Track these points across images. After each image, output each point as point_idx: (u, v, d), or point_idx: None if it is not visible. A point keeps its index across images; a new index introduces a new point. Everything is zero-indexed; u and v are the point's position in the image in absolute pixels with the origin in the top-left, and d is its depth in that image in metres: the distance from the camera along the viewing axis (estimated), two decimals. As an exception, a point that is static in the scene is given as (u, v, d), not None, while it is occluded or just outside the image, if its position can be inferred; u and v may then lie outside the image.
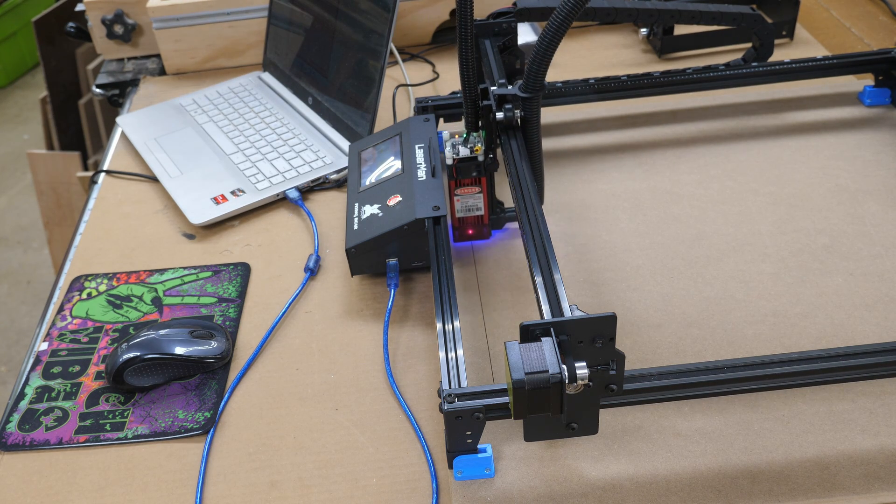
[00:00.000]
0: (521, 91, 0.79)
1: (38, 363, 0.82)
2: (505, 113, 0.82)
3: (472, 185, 0.87)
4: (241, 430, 0.74)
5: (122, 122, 1.19)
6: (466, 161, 0.86)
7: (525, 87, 0.78)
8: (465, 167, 0.86)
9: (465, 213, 0.89)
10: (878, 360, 0.65)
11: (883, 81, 1.08)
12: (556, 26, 0.70)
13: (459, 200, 0.88)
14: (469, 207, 0.88)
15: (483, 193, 0.88)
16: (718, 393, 0.67)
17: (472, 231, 0.91)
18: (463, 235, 0.91)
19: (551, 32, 0.71)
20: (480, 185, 0.87)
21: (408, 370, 0.78)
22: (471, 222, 0.90)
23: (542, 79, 0.76)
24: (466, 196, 0.87)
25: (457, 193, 0.87)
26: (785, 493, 0.65)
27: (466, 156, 0.85)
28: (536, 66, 0.75)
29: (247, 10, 1.26)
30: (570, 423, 0.64)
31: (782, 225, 0.91)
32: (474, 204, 0.88)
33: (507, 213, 0.92)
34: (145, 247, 0.96)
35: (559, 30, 0.71)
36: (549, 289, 0.65)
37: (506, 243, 0.91)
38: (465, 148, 0.86)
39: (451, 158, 0.85)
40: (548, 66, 0.75)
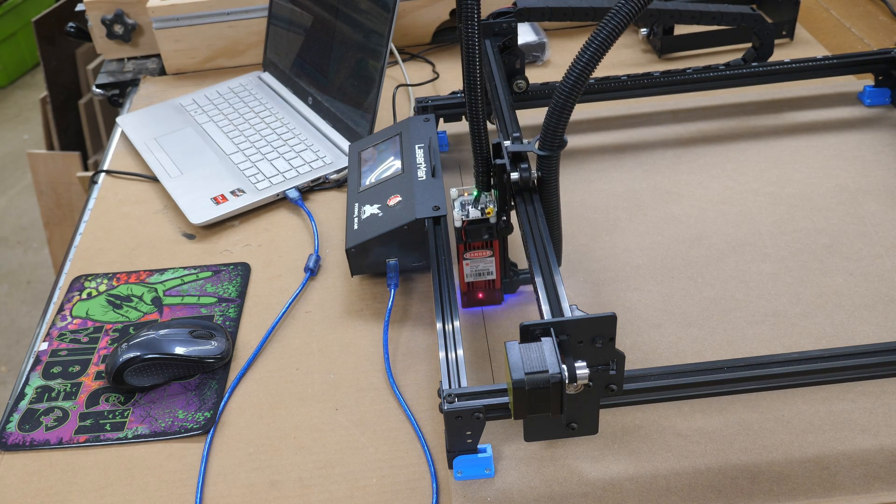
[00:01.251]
0: (538, 149, 0.71)
1: (38, 363, 0.82)
2: (521, 173, 0.72)
3: (482, 249, 0.79)
4: (241, 430, 0.74)
5: (122, 122, 1.19)
6: (477, 223, 0.77)
7: (543, 143, 0.70)
8: (476, 230, 0.77)
9: (475, 277, 0.80)
10: (878, 360, 0.65)
11: (883, 81, 1.08)
12: (575, 78, 0.65)
13: (469, 264, 0.79)
14: (479, 272, 0.80)
15: (495, 257, 0.79)
16: (718, 393, 0.67)
17: (483, 295, 0.82)
18: (472, 300, 0.82)
19: (570, 85, 0.66)
20: (492, 248, 0.79)
21: (408, 370, 0.78)
22: (481, 286, 0.82)
23: (560, 135, 0.69)
24: (477, 260, 0.79)
25: (466, 257, 0.79)
26: (785, 493, 0.65)
27: (477, 218, 0.77)
28: (555, 121, 0.68)
29: (247, 10, 1.26)
30: (570, 423, 0.64)
31: (782, 225, 0.91)
32: (485, 268, 0.80)
33: (521, 276, 0.84)
34: (145, 247, 0.97)
35: (578, 81, 0.65)
36: (549, 289, 0.65)
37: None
38: (475, 209, 0.77)
39: (459, 220, 0.77)
40: (567, 121, 0.68)
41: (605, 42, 0.63)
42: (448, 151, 1.08)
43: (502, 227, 0.78)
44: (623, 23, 0.63)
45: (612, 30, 0.63)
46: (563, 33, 1.34)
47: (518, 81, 1.03)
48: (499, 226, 0.77)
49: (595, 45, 0.63)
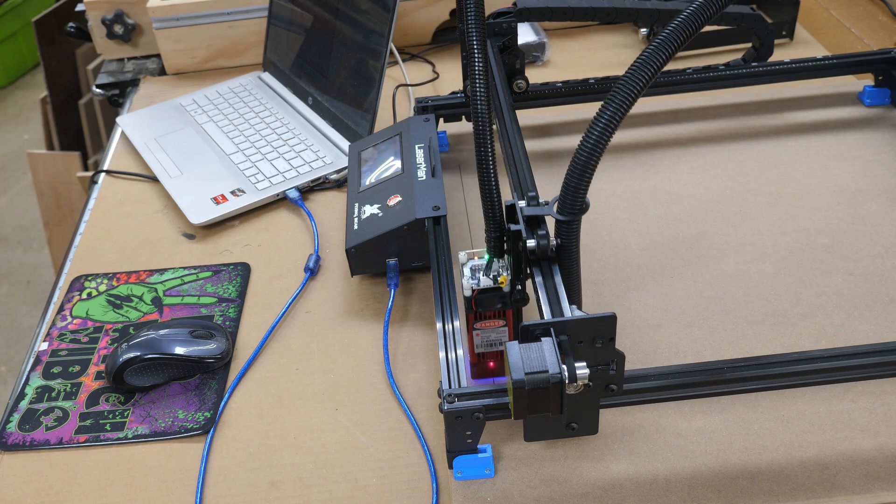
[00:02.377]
0: (557, 213, 0.64)
1: (39, 363, 0.82)
2: (538, 241, 0.66)
3: (494, 319, 0.72)
4: (241, 430, 0.74)
5: (122, 122, 1.19)
6: (489, 293, 0.70)
7: (562, 207, 0.63)
8: (488, 300, 0.70)
9: (486, 348, 0.73)
10: (878, 360, 0.65)
11: (883, 81, 1.08)
12: (598, 134, 0.60)
13: (479, 335, 0.73)
14: (491, 342, 0.73)
15: (508, 327, 0.72)
16: (718, 393, 0.67)
17: (495, 365, 0.74)
18: (483, 371, 0.75)
19: (591, 143, 0.60)
20: (505, 318, 0.72)
21: (408, 370, 0.78)
22: (493, 356, 0.74)
23: (582, 197, 0.63)
24: (488, 330, 0.72)
25: (476, 327, 0.72)
26: (785, 493, 0.65)
27: (489, 287, 0.70)
28: (576, 182, 0.62)
29: (247, 10, 1.26)
30: (570, 423, 0.64)
31: (782, 225, 0.91)
32: (497, 339, 0.73)
33: None
34: (145, 247, 0.96)
35: (601, 137, 0.60)
36: (549, 289, 0.65)
37: None
38: (486, 276, 0.70)
39: (469, 289, 0.70)
40: (589, 182, 0.62)
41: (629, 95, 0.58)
42: (448, 151, 1.08)
43: (517, 299, 0.71)
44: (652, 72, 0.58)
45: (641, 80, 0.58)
46: (563, 33, 1.34)
47: (518, 81, 1.03)
48: (513, 296, 0.70)
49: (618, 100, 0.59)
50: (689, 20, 0.58)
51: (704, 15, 0.59)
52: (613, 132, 0.60)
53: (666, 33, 0.59)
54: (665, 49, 0.58)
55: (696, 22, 0.58)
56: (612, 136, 0.60)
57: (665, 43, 0.58)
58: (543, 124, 1.11)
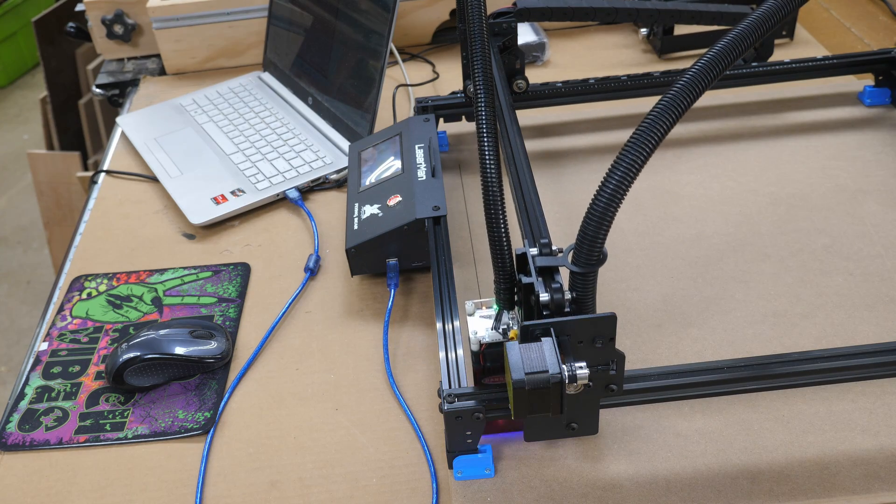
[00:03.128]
0: (572, 264, 0.59)
1: (38, 363, 0.82)
2: (552, 294, 0.59)
3: (504, 374, 0.65)
4: (241, 430, 0.74)
5: (122, 122, 1.19)
6: (498, 347, 0.64)
7: (577, 258, 0.58)
8: (497, 354, 0.64)
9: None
10: (878, 360, 0.65)
11: (883, 81, 1.08)
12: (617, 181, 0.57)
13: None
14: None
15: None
16: (718, 393, 0.67)
17: (504, 422, 0.69)
18: (492, 427, 0.70)
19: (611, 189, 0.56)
20: None
21: (408, 370, 0.78)
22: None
23: (599, 248, 0.57)
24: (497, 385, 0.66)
25: (484, 383, 0.66)
26: (785, 493, 0.65)
27: (498, 341, 0.64)
28: (593, 231, 0.57)
29: (247, 10, 1.26)
30: (570, 423, 0.64)
31: (782, 225, 0.91)
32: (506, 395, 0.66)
33: None
34: (145, 247, 0.96)
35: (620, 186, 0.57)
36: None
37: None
38: (496, 331, 0.65)
39: (477, 343, 0.64)
40: (607, 231, 0.57)
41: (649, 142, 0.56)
42: (448, 151, 1.08)
43: None
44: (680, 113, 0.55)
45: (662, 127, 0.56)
46: (563, 33, 1.34)
47: (518, 81, 1.03)
48: None
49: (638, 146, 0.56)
50: (717, 59, 0.55)
51: (732, 54, 0.56)
52: (633, 180, 0.56)
53: (692, 73, 0.55)
54: (688, 92, 0.55)
55: (724, 61, 0.56)
56: (631, 184, 0.56)
57: (689, 85, 0.55)
58: (543, 124, 1.11)
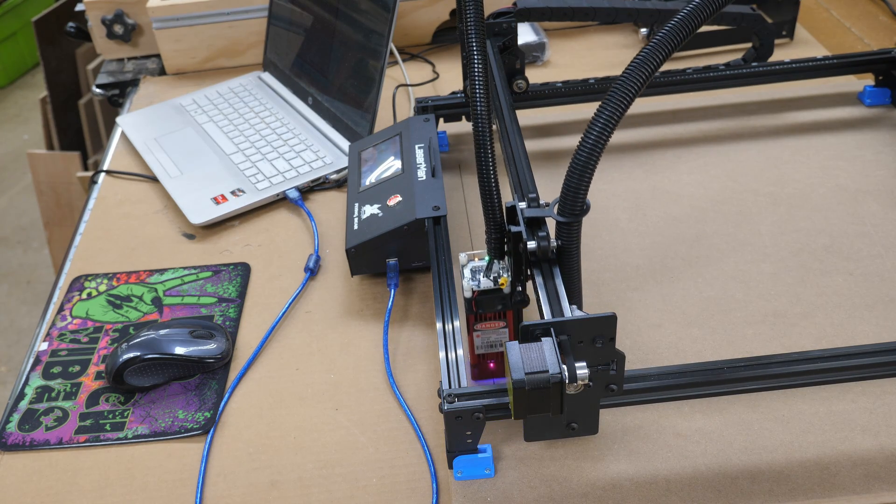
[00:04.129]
0: (557, 214, 0.64)
1: (38, 363, 0.82)
2: (538, 242, 0.66)
3: (495, 320, 0.72)
4: (241, 430, 0.74)
5: (122, 122, 1.19)
6: (489, 294, 0.70)
7: (563, 209, 0.63)
8: (488, 301, 0.71)
9: (487, 349, 0.74)
10: (878, 360, 0.65)
11: (883, 81, 1.08)
12: (595, 136, 0.59)
13: (479, 336, 0.73)
14: (491, 343, 0.73)
15: (509, 328, 0.73)
16: (718, 393, 0.67)
17: (495, 366, 0.75)
18: (484, 372, 0.75)
19: (590, 143, 0.60)
20: (505, 319, 0.72)
21: (408, 370, 0.78)
22: (493, 357, 0.75)
23: (582, 199, 0.62)
24: (488, 332, 0.73)
25: (476, 329, 0.72)
26: (785, 493, 0.65)
27: (489, 288, 0.70)
28: (576, 183, 0.61)
29: (247, 10, 1.26)
30: (570, 423, 0.64)
31: (782, 225, 0.91)
32: (497, 339, 0.73)
33: None
34: (145, 247, 0.97)
35: (599, 139, 0.59)
36: (550, 289, 0.65)
37: None
38: (486, 278, 0.70)
39: (469, 290, 0.70)
40: (589, 182, 0.62)
41: (627, 96, 0.58)
42: (448, 151, 1.08)
43: (518, 300, 0.71)
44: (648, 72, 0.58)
45: (636, 81, 0.58)
46: (563, 33, 1.34)
47: (518, 81, 1.03)
48: (514, 298, 0.71)
49: (616, 100, 0.59)
50: (687, 19, 0.58)
51: (702, 14, 0.59)
52: (612, 132, 0.60)
53: (663, 32, 0.58)
54: (662, 49, 0.58)
55: (694, 21, 0.58)
56: (610, 135, 0.59)
57: (662, 42, 0.58)
58: (543, 124, 1.11)
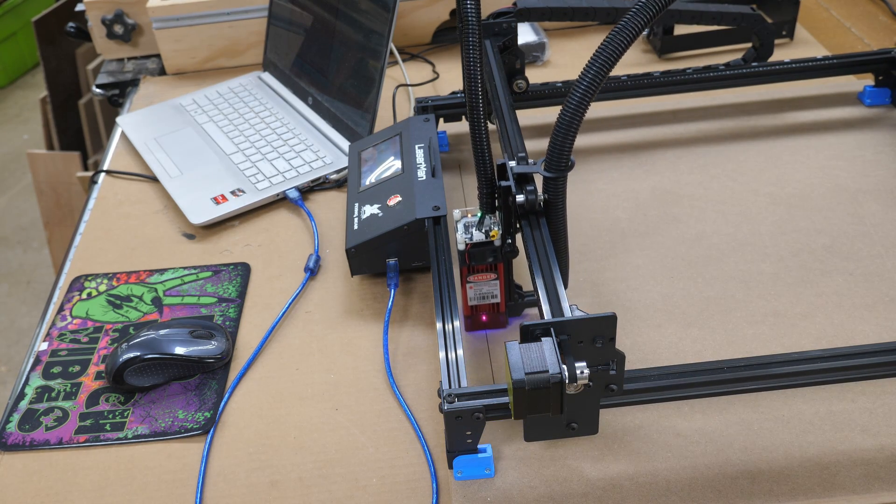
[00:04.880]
0: (544, 170, 0.68)
1: (38, 363, 0.82)
2: (526, 196, 0.71)
3: (487, 272, 0.77)
4: (241, 430, 0.74)
5: (122, 122, 1.19)
6: (481, 246, 0.75)
7: (549, 165, 0.67)
8: (480, 253, 0.76)
9: (479, 300, 0.79)
10: (878, 360, 0.65)
11: (883, 81, 1.08)
12: (580, 96, 0.63)
13: (472, 288, 0.78)
14: (483, 295, 0.78)
15: (500, 280, 0.78)
16: (718, 393, 0.67)
17: (487, 318, 0.80)
18: (476, 323, 0.81)
19: (574, 103, 0.63)
20: (496, 271, 0.77)
21: (408, 370, 0.78)
22: (485, 309, 0.80)
23: (567, 155, 0.66)
24: (480, 283, 0.77)
25: (469, 280, 0.77)
26: (785, 493, 0.65)
27: (481, 241, 0.75)
28: (560, 141, 0.65)
29: (247, 10, 1.26)
30: (570, 423, 0.64)
31: (782, 225, 0.91)
32: (489, 291, 0.78)
33: (526, 300, 0.82)
34: (145, 247, 0.97)
35: (584, 98, 0.63)
36: (550, 289, 0.65)
37: None
38: (479, 231, 0.76)
39: (463, 243, 0.75)
40: (573, 140, 0.66)
41: (610, 58, 0.61)
42: (448, 151, 1.08)
43: (507, 251, 0.76)
44: (632, 36, 0.61)
45: (619, 44, 0.61)
46: (563, 33, 1.34)
47: (518, 81, 1.03)
48: (504, 249, 0.76)
49: (600, 62, 0.62)
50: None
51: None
52: (595, 92, 0.63)
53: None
54: (646, 11, 0.61)
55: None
56: (594, 96, 0.63)
57: (645, 6, 0.61)
58: (543, 124, 1.11)
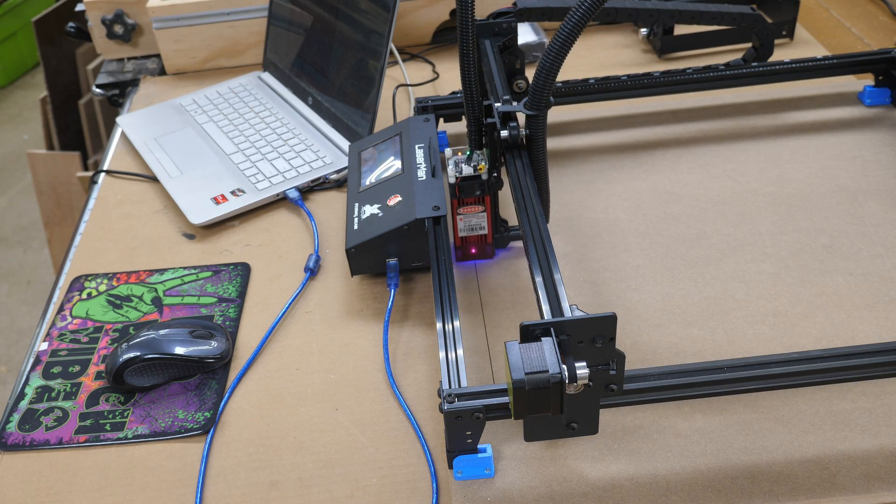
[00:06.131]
0: (526, 108, 0.76)
1: (38, 363, 0.82)
2: (510, 131, 0.79)
3: (475, 204, 0.84)
4: (241, 430, 0.74)
5: (122, 122, 1.19)
6: (470, 180, 0.83)
7: (531, 104, 0.76)
8: (469, 186, 0.83)
9: (468, 232, 0.86)
10: (878, 360, 0.65)
11: (883, 81, 1.08)
12: (560, 44, 0.69)
13: (462, 219, 0.85)
14: (472, 227, 0.86)
15: (487, 212, 0.85)
16: (718, 393, 0.67)
17: (476, 250, 0.88)
18: (466, 255, 0.89)
19: (555, 49, 0.70)
20: (484, 204, 0.85)
21: (408, 370, 0.78)
22: (474, 241, 0.87)
23: (547, 95, 0.74)
24: (469, 215, 0.85)
25: (459, 212, 0.85)
26: (785, 493, 0.65)
27: (470, 174, 0.83)
28: (542, 82, 0.73)
29: (247, 10, 1.26)
30: (570, 423, 0.64)
31: (782, 225, 0.91)
32: (478, 223, 0.86)
33: (511, 233, 0.89)
34: (145, 247, 0.97)
35: (563, 46, 0.69)
36: (549, 289, 0.65)
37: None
38: (468, 166, 0.83)
39: (453, 177, 0.83)
40: (553, 82, 0.73)
41: (590, 9, 0.66)
42: (448, 151, 1.08)
43: (493, 183, 0.84)
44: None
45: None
46: (563, 33, 1.34)
47: (518, 81, 1.03)
48: (490, 181, 0.83)
49: (582, 11, 0.66)
50: None
51: None
52: (576, 38, 0.69)
53: None
54: None
55: None
56: (574, 41, 0.69)
57: None
58: (543, 124, 1.11)
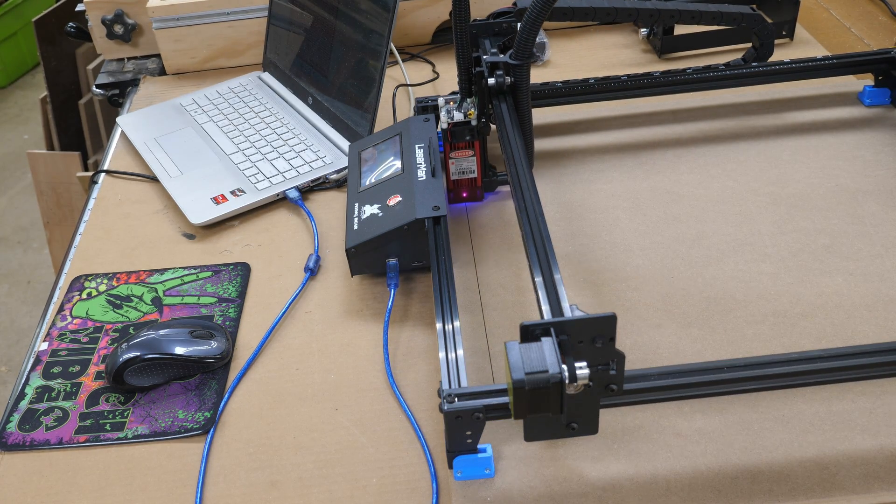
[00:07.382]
0: (511, 59, 0.85)
1: (38, 363, 0.82)
2: (496, 79, 0.87)
3: (466, 149, 0.92)
4: (241, 430, 0.74)
5: (122, 122, 1.19)
6: (460, 125, 0.91)
7: (515, 54, 0.84)
8: (459, 131, 0.91)
9: (460, 175, 0.94)
10: (878, 360, 0.65)
11: (883, 81, 1.08)
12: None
13: (454, 163, 0.93)
14: (463, 170, 0.94)
15: (476, 157, 0.93)
16: (718, 393, 0.67)
17: (466, 193, 0.96)
18: (457, 197, 0.96)
19: (540, 4, 0.76)
20: (474, 149, 0.93)
21: (408, 370, 0.78)
22: (465, 185, 0.95)
23: (530, 47, 0.82)
24: (461, 159, 0.93)
25: (451, 156, 0.93)
26: (785, 493, 0.65)
27: (460, 120, 0.91)
28: (526, 35, 0.80)
29: (247, 10, 1.26)
30: (570, 423, 0.64)
31: (782, 225, 0.91)
32: (468, 167, 0.93)
33: (499, 177, 0.97)
34: (145, 247, 0.97)
35: (546, 2, 0.76)
36: (549, 289, 0.65)
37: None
38: (459, 112, 0.91)
39: (445, 122, 0.91)
40: (535, 36, 0.81)
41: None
42: (448, 151, 1.08)
43: (482, 128, 0.92)
44: None
45: None
46: (563, 33, 1.34)
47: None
48: (479, 126, 0.91)
49: None
50: None
51: None
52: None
53: None
54: None
55: None
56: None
57: None
58: (543, 124, 1.11)
